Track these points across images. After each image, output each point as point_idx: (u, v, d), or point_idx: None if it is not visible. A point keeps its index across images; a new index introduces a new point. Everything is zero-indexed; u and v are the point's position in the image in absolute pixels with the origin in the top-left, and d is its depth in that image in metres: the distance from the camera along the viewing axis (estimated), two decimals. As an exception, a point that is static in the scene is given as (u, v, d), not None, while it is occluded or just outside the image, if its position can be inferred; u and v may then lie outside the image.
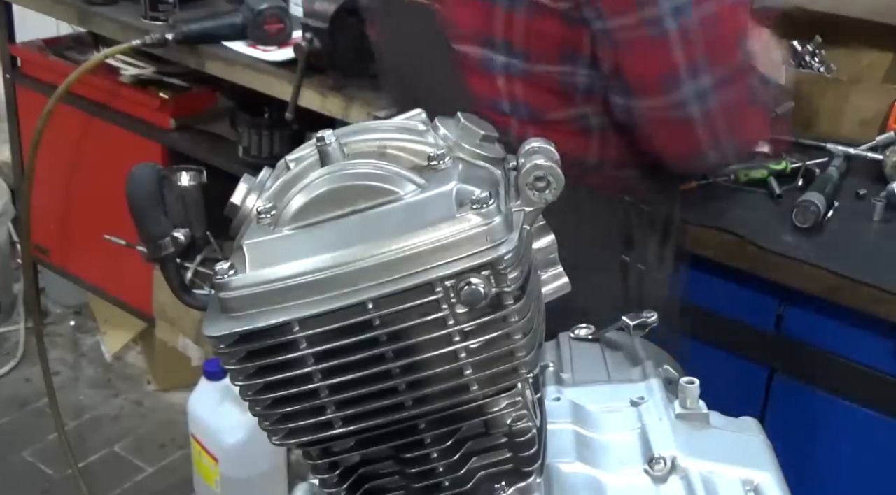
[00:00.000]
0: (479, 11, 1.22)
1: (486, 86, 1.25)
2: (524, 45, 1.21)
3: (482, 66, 1.24)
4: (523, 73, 1.22)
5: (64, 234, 2.86)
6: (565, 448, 0.76)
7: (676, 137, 1.23)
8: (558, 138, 1.21)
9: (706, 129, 1.20)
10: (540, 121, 1.24)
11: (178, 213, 0.79)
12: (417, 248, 0.64)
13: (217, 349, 0.67)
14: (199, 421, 2.33)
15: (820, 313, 1.59)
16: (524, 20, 1.19)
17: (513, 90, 1.24)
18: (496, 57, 1.22)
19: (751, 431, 0.79)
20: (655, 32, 1.14)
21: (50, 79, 2.59)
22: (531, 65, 1.22)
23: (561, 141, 1.20)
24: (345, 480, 0.73)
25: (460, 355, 0.67)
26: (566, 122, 1.26)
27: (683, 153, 1.25)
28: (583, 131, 1.27)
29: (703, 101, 1.18)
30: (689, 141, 1.22)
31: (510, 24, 1.20)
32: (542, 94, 1.24)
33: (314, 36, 1.96)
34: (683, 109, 1.18)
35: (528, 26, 1.20)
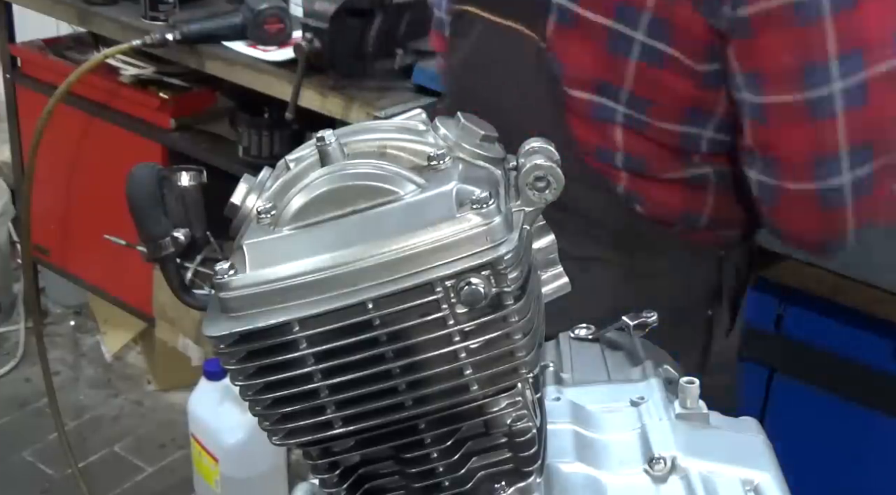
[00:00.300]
0: (600, 57, 1.12)
1: (597, 135, 1.16)
2: (649, 99, 1.12)
3: (596, 113, 1.15)
4: (643, 127, 1.14)
5: (64, 234, 2.86)
6: (565, 448, 0.76)
7: (821, 225, 1.13)
8: (673, 195, 1.18)
9: (854, 219, 1.11)
10: (655, 177, 1.16)
11: (178, 213, 0.79)
12: (417, 248, 0.64)
13: (217, 349, 0.67)
14: (199, 421, 2.33)
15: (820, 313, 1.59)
16: (654, 73, 1.10)
17: (629, 143, 1.15)
18: (615, 107, 1.13)
19: (751, 431, 0.79)
20: (820, 116, 1.05)
21: (50, 79, 2.59)
22: (653, 120, 1.13)
23: (675, 198, 1.18)
24: (345, 480, 0.73)
25: (460, 355, 0.67)
26: (683, 181, 1.18)
27: (823, 241, 1.16)
28: (699, 189, 1.19)
29: (861, 189, 1.09)
30: (834, 229, 1.13)
31: (640, 77, 1.11)
32: (661, 150, 1.15)
33: (314, 36, 1.96)
34: (839, 198, 1.09)
35: (658, 81, 1.11)
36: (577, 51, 1.14)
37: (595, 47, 1.12)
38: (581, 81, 1.15)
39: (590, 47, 1.13)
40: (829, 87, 1.04)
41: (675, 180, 1.18)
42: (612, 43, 1.11)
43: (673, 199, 1.18)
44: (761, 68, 1.06)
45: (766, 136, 1.10)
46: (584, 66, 1.14)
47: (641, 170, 1.17)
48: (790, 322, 1.64)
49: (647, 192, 1.18)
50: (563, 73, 1.15)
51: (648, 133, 1.14)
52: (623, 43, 1.10)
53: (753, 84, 1.07)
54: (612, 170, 1.17)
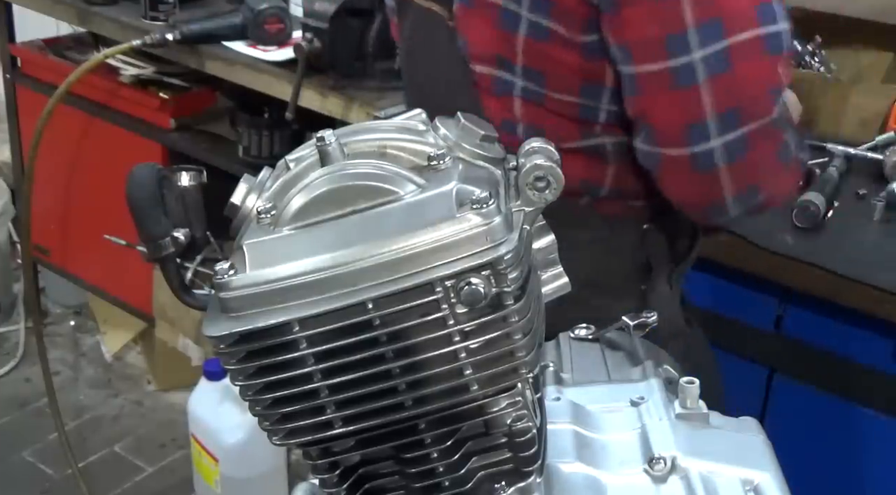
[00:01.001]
0: (494, 33, 1.18)
1: (501, 107, 1.21)
2: (543, 72, 1.17)
3: (497, 87, 1.20)
4: (541, 98, 1.18)
5: (64, 234, 2.86)
6: (565, 448, 0.76)
7: (698, 189, 1.18)
8: (574, 165, 1.17)
9: (731, 185, 1.15)
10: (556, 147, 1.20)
11: (178, 213, 0.79)
12: (417, 248, 0.64)
13: (217, 349, 0.67)
14: (199, 421, 2.33)
15: (820, 313, 1.59)
16: (542, 46, 1.15)
17: (529, 114, 1.19)
18: (513, 80, 1.18)
19: (751, 431, 0.79)
20: (684, 83, 1.10)
21: (50, 79, 2.59)
22: (550, 92, 1.18)
23: (576, 168, 1.20)
24: (345, 480, 0.73)
25: (460, 355, 0.67)
26: (583, 150, 1.22)
27: (703, 205, 1.20)
28: (599, 159, 1.23)
29: (731, 155, 1.12)
30: (712, 195, 1.17)
31: (528, 49, 1.16)
32: (560, 121, 1.19)
33: (314, 36, 1.96)
34: (709, 163, 1.13)
35: (546, 53, 1.15)
36: (476, 27, 1.20)
37: (489, 24, 1.18)
38: (481, 57, 1.20)
39: (486, 24, 1.18)
40: (689, 56, 1.09)
41: (574, 149, 1.21)
42: (503, 19, 1.16)
43: (573, 169, 1.20)
44: (628, 40, 1.11)
45: (640, 106, 1.15)
46: (482, 42, 1.20)
47: None
48: (790, 322, 1.64)
49: None
50: (466, 49, 1.21)
51: (547, 104, 1.19)
52: (511, 18, 1.16)
53: (624, 55, 1.12)
54: (517, 139, 1.19)
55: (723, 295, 1.67)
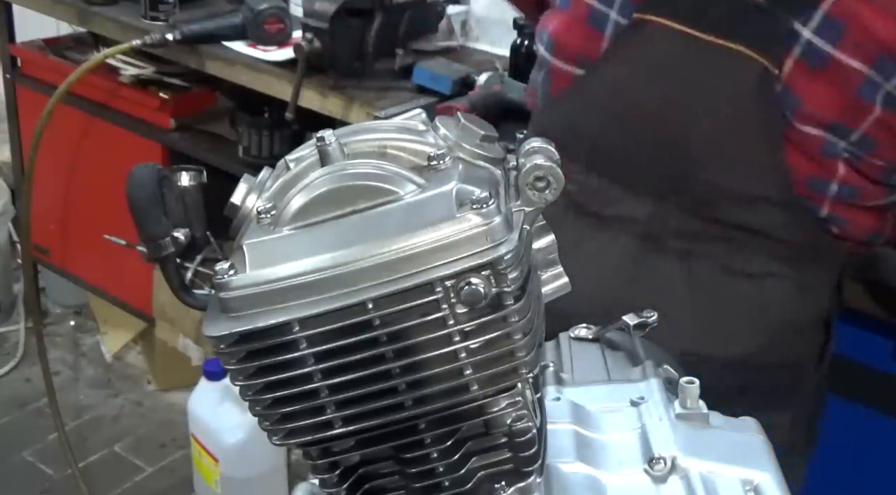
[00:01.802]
0: (849, 102, 1.13)
1: (815, 166, 1.16)
2: (877, 140, 1.15)
3: (820, 149, 1.15)
4: (861, 162, 1.16)
5: (64, 234, 2.86)
6: (565, 448, 0.76)
7: None
8: (871, 219, 1.23)
9: None
10: (858, 204, 1.20)
11: (178, 213, 0.79)
12: (417, 248, 0.64)
13: (217, 349, 0.67)
14: (199, 421, 2.33)
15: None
16: (889, 118, 1.13)
17: (848, 176, 1.17)
18: (841, 143, 1.15)
19: (751, 431, 0.79)
20: None
21: (50, 79, 2.59)
22: (873, 159, 1.16)
23: (872, 221, 1.23)
24: (345, 480, 0.73)
25: (460, 355, 0.67)
26: (882, 207, 1.22)
27: None
28: (887, 211, 1.24)
29: None
30: None
31: (877, 121, 1.13)
32: (870, 181, 1.18)
33: (314, 36, 1.97)
34: None
35: (891, 124, 1.13)
36: (820, 91, 1.13)
37: (842, 92, 1.13)
38: (816, 119, 1.14)
39: (836, 90, 1.13)
40: None
41: (877, 206, 1.22)
42: (862, 88, 1.12)
43: (869, 222, 1.23)
44: None
45: None
46: (825, 107, 1.14)
47: (852, 198, 1.19)
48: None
49: (850, 217, 1.21)
50: (797, 108, 1.14)
51: (864, 167, 1.17)
52: (871, 89, 1.12)
53: None
54: (820, 196, 1.18)
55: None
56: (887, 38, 1.10)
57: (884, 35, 1.10)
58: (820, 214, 1.19)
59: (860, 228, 1.22)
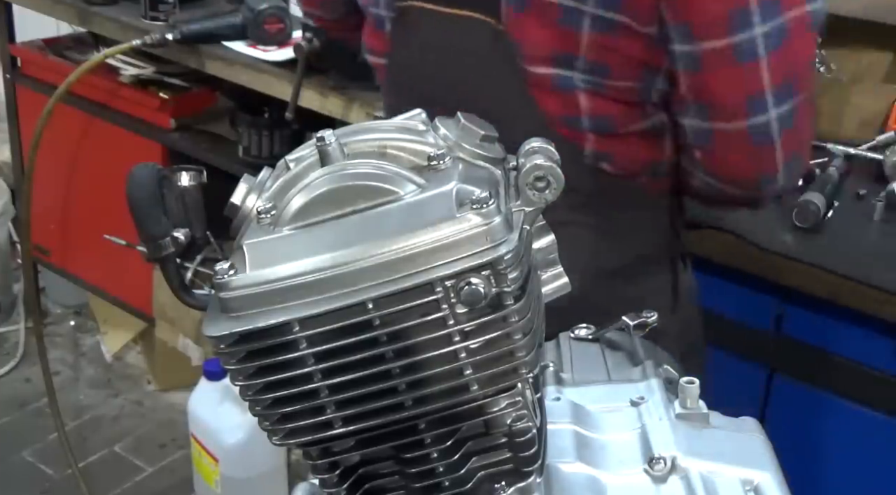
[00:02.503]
0: (557, 33, 1.19)
1: (562, 104, 1.22)
2: (608, 64, 1.19)
3: (559, 85, 1.21)
4: (602, 88, 1.21)
5: (64, 234, 2.86)
6: (565, 448, 0.76)
7: (752, 161, 1.21)
8: (637, 148, 1.25)
9: (782, 152, 1.19)
10: (619, 133, 1.24)
11: (178, 213, 0.79)
12: (417, 248, 0.64)
13: (217, 349, 0.67)
14: (199, 421, 2.33)
15: (820, 313, 1.59)
16: (607, 40, 1.18)
17: (594, 106, 1.22)
18: (574, 75, 1.20)
19: (751, 431, 0.79)
20: (746, 58, 1.14)
21: (50, 79, 2.59)
22: (613, 81, 1.20)
23: (640, 150, 1.25)
24: (345, 480, 0.73)
25: (460, 355, 0.67)
26: (643, 132, 1.25)
27: (756, 178, 1.23)
28: (656, 137, 1.27)
29: (785, 123, 1.18)
30: (764, 165, 1.21)
31: (593, 45, 1.18)
32: (621, 107, 1.22)
33: (314, 36, 1.96)
34: (767, 133, 1.18)
35: (611, 46, 1.18)
36: (532, 30, 1.21)
37: (548, 24, 1.19)
38: (539, 58, 1.21)
39: (544, 25, 1.20)
40: (752, 32, 1.12)
41: (637, 132, 1.25)
42: (563, 17, 1.18)
43: (638, 152, 1.26)
44: (692, 19, 1.14)
45: (699, 82, 1.18)
46: (540, 43, 1.21)
47: (607, 129, 1.23)
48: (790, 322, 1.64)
49: (614, 149, 1.24)
50: (521, 52, 1.22)
51: (608, 92, 1.21)
52: (574, 16, 1.17)
53: (686, 34, 1.15)
54: (579, 133, 1.23)
55: (723, 295, 1.67)
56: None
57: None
58: (585, 153, 1.23)
59: (630, 161, 1.25)
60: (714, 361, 1.66)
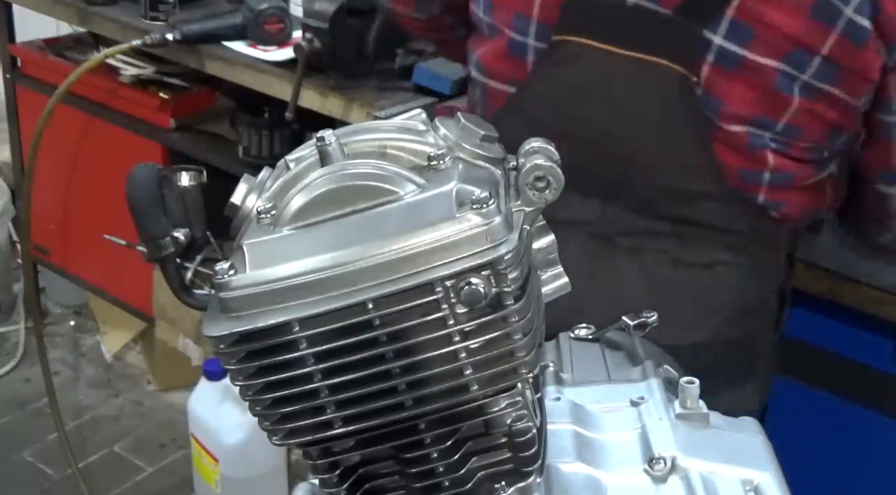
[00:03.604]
0: (759, 95, 1.18)
1: (745, 159, 1.21)
2: (801, 128, 1.20)
3: (749, 144, 1.20)
4: (790, 148, 1.21)
5: (64, 234, 2.86)
6: (565, 448, 0.76)
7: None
8: (807, 197, 1.27)
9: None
10: (791, 187, 1.25)
11: (178, 213, 0.79)
12: (417, 248, 0.65)
13: (217, 349, 0.67)
14: (199, 421, 2.33)
15: (820, 313, 1.59)
16: (812, 107, 1.18)
17: (777, 164, 1.22)
18: (767, 135, 1.20)
19: (751, 431, 0.79)
20: None
21: (50, 79, 2.58)
22: (802, 143, 1.21)
23: (808, 199, 1.27)
24: (345, 480, 0.73)
25: (460, 355, 0.67)
26: (815, 184, 1.27)
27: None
28: (823, 188, 1.29)
29: None
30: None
31: (795, 110, 1.18)
32: (802, 164, 1.23)
33: (314, 36, 1.96)
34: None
35: (813, 113, 1.19)
36: (737, 90, 1.18)
37: (758, 87, 1.18)
38: (739, 118, 1.19)
39: (753, 87, 1.18)
40: None
41: (811, 185, 1.26)
42: (778, 83, 1.17)
43: (805, 201, 1.28)
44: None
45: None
46: (746, 105, 1.19)
47: (784, 184, 1.24)
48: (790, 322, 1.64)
49: (786, 199, 1.25)
50: (719, 110, 1.19)
51: (793, 152, 1.22)
52: (787, 82, 1.17)
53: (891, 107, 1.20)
54: (755, 186, 1.23)
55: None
56: (792, 32, 1.15)
57: (788, 30, 1.15)
58: (757, 202, 1.23)
59: (798, 209, 1.27)
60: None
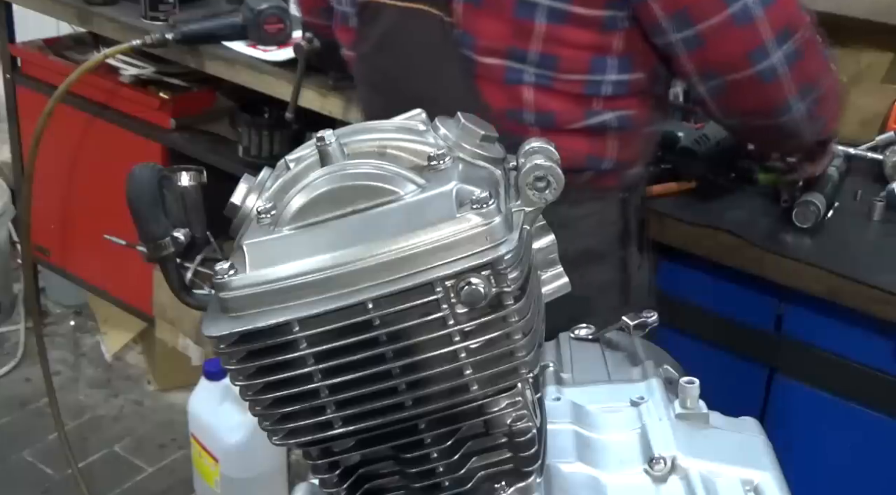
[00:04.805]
0: (507, 25, 1.24)
1: (507, 97, 1.27)
2: (556, 55, 1.24)
3: (506, 78, 1.26)
4: (550, 82, 1.25)
5: (64, 234, 2.86)
6: (565, 448, 0.76)
7: (764, 98, 1.33)
8: (579, 144, 1.29)
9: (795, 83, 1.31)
10: (563, 129, 1.28)
11: (178, 213, 0.79)
12: (417, 248, 0.64)
13: (217, 349, 0.67)
14: (199, 421, 2.33)
15: (820, 313, 1.59)
16: (558, 30, 1.22)
17: (539, 101, 1.26)
18: (524, 68, 1.25)
19: (751, 431, 0.79)
20: (745, 21, 1.25)
21: (50, 79, 2.59)
22: (561, 74, 1.25)
23: (581, 145, 1.29)
24: (345, 480, 0.73)
25: (460, 355, 0.67)
26: (588, 129, 1.30)
27: (769, 110, 1.35)
28: (601, 134, 1.32)
29: (790, 59, 1.30)
30: (776, 98, 1.32)
31: (543, 37, 1.23)
32: (567, 103, 1.27)
33: (314, 36, 1.96)
34: (773, 72, 1.29)
35: (562, 36, 1.23)
36: (485, 23, 1.26)
37: (502, 17, 1.24)
38: (491, 49, 1.26)
39: (497, 18, 1.25)
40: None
41: (580, 129, 1.30)
42: (518, 10, 1.23)
43: (579, 146, 1.32)
44: (686, 4, 1.25)
45: (705, 55, 1.28)
46: (493, 36, 1.26)
47: (551, 125, 1.28)
48: (790, 322, 1.64)
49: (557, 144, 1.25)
50: (473, 44, 1.27)
51: (556, 86, 1.27)
52: (528, 8, 1.23)
53: (681, 21, 1.25)
54: (522, 128, 1.28)
55: (723, 295, 1.67)
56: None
57: None
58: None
59: (571, 155, 1.30)
60: (714, 361, 1.66)
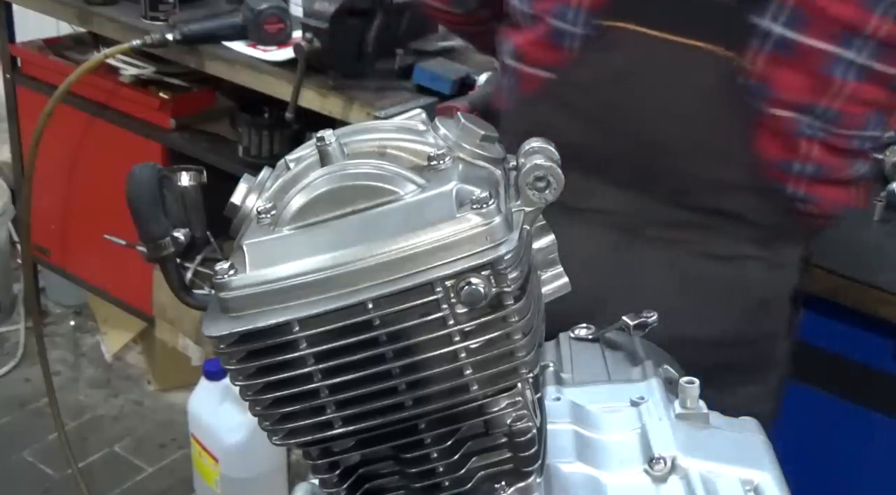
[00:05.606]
0: (810, 78, 1.16)
1: (784, 148, 1.19)
2: (844, 112, 1.18)
3: (797, 131, 1.18)
4: (828, 136, 1.19)
5: (64, 234, 2.86)
6: (565, 448, 0.76)
7: None
8: (841, 195, 1.27)
9: None
10: (826, 180, 1.23)
11: (178, 213, 0.79)
12: (417, 248, 0.64)
13: (217, 349, 0.67)
14: (199, 421, 2.33)
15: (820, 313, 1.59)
16: (856, 87, 1.16)
17: (815, 154, 1.20)
18: (813, 123, 1.18)
19: (751, 431, 0.79)
20: None
21: (50, 79, 2.59)
22: (840, 129, 1.19)
23: (841, 196, 1.27)
24: (345, 480, 0.73)
25: (460, 355, 0.67)
26: (850, 180, 1.26)
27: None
28: (857, 185, 1.28)
29: None
30: None
31: (840, 93, 1.16)
32: (839, 155, 1.21)
33: (314, 36, 1.96)
34: None
35: (856, 93, 1.17)
36: (787, 75, 1.17)
37: (805, 71, 1.16)
38: (787, 103, 1.18)
39: (800, 71, 1.16)
40: None
41: (843, 180, 1.25)
42: (824, 65, 1.16)
43: (840, 197, 1.27)
44: None
45: None
46: (794, 89, 1.17)
47: (816, 175, 1.22)
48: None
49: (823, 194, 1.24)
50: (768, 95, 1.17)
51: (830, 140, 1.20)
52: (835, 64, 1.15)
53: None
54: (787, 177, 1.21)
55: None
56: (844, 16, 1.13)
57: (839, 14, 1.13)
58: (793, 194, 1.22)
59: (830, 203, 1.26)
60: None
